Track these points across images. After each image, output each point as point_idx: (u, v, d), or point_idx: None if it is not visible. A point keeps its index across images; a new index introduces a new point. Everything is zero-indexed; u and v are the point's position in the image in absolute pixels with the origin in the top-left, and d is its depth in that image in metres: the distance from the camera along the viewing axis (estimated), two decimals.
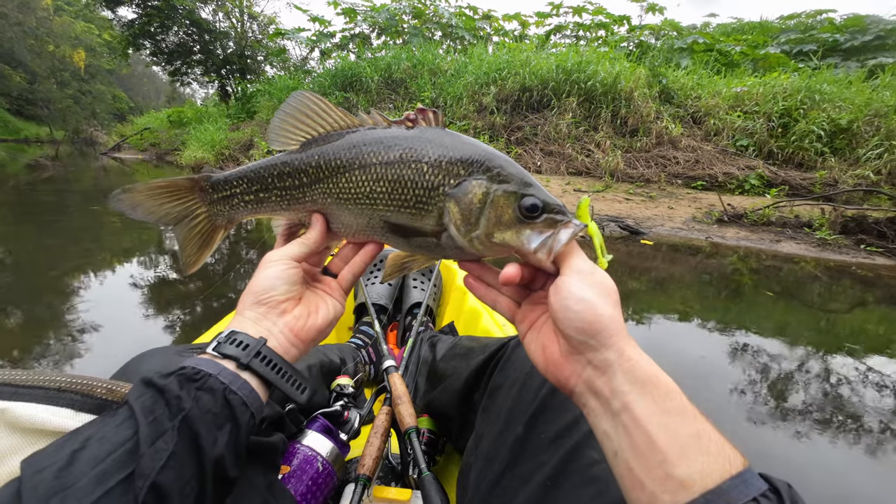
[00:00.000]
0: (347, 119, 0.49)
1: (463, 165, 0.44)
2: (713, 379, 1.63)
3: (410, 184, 0.45)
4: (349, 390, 0.87)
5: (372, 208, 0.47)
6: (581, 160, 6.05)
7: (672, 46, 8.67)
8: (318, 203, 0.49)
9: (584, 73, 6.46)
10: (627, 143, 6.14)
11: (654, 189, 5.47)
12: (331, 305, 0.50)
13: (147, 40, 14.48)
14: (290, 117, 0.49)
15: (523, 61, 7.00)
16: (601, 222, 4.20)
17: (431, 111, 0.47)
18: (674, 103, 6.53)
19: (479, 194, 0.43)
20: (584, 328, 0.36)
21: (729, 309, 2.39)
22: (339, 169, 0.47)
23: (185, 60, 15.68)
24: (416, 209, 0.45)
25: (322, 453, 0.68)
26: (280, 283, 0.46)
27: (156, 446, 0.32)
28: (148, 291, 2.36)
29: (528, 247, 0.41)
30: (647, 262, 3.17)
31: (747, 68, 8.40)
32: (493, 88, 6.90)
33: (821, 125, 5.60)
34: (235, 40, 15.42)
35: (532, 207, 0.41)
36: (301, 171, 0.49)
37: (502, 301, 0.47)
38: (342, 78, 9.13)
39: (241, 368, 0.40)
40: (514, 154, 6.23)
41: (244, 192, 0.51)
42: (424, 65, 8.46)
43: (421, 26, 11.22)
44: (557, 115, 6.48)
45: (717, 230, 4.07)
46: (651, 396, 0.33)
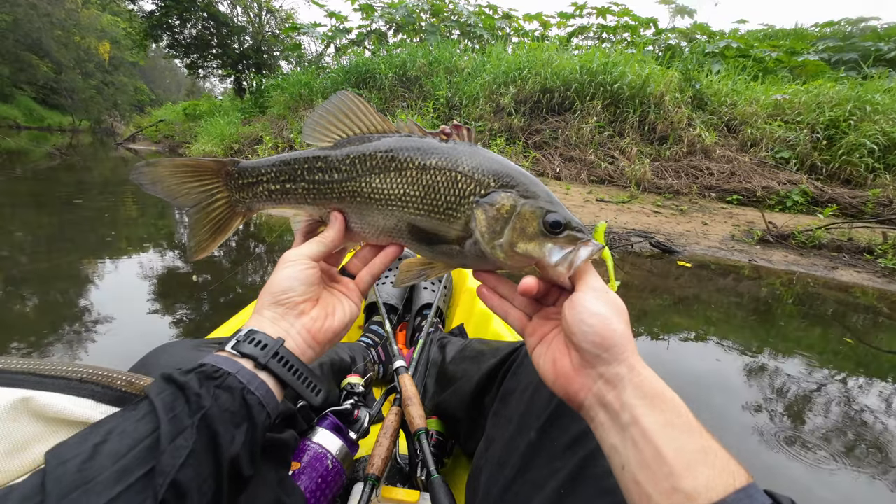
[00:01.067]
0: (385, 124, 0.50)
1: (494, 178, 0.46)
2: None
3: (444, 190, 0.47)
4: (359, 389, 0.86)
5: (403, 210, 0.48)
6: (604, 167, 5.63)
7: (703, 51, 8.19)
8: (345, 201, 0.50)
9: (611, 74, 6.05)
10: (655, 150, 5.71)
11: (684, 202, 5.03)
12: (347, 307, 0.50)
13: (165, 32, 14.50)
14: (329, 114, 0.49)
15: (545, 61, 6.62)
16: (627, 236, 3.79)
17: (466, 128, 0.50)
18: (707, 110, 6.07)
19: (507, 205, 0.45)
20: (598, 342, 0.37)
21: (808, 364, 1.97)
22: (374, 168, 0.48)
23: (203, 54, 15.66)
24: (446, 215, 0.47)
25: (332, 451, 0.68)
26: (298, 283, 0.46)
27: (176, 443, 0.32)
28: (157, 284, 2.33)
29: (549, 259, 0.43)
30: (687, 288, 2.76)
31: (784, 76, 7.88)
32: (512, 89, 6.53)
33: (873, 138, 5.09)
34: (252, 35, 15.36)
35: (556, 223, 0.43)
36: (334, 167, 0.49)
37: (514, 313, 0.48)
38: (356, 74, 8.88)
39: (258, 368, 0.40)
40: (531, 158, 5.85)
41: (272, 180, 0.51)
42: (441, 63, 8.14)
43: (439, 24, 10.92)
44: (580, 119, 6.08)
45: (760, 252, 3.63)
46: (660, 410, 0.34)
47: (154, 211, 4.28)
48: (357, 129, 0.50)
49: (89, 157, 10.72)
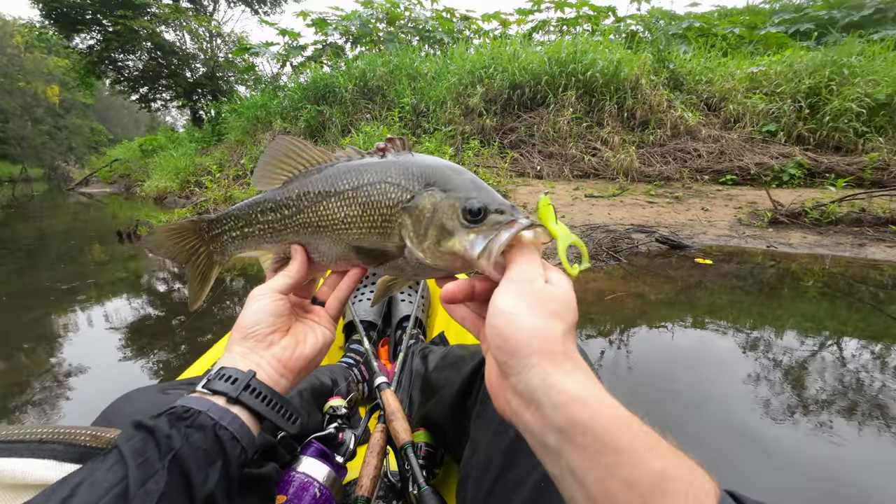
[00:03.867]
0: (325, 155, 0.52)
1: (418, 180, 0.45)
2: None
3: (377, 204, 0.46)
4: (342, 411, 0.85)
5: (347, 233, 0.49)
6: (587, 160, 5.27)
7: (667, 33, 8.03)
8: (299, 234, 0.52)
9: (581, 63, 5.73)
10: (638, 137, 5.38)
11: (677, 188, 4.69)
12: (319, 333, 0.51)
13: (108, 67, 13.66)
14: (272, 160, 0.52)
15: (510, 56, 6.28)
16: (628, 234, 3.38)
17: (399, 138, 0.49)
18: (684, 90, 5.81)
19: (429, 204, 0.43)
20: (500, 345, 0.32)
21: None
22: (316, 199, 0.50)
23: (153, 86, 14.87)
24: (383, 229, 0.47)
25: (318, 478, 0.66)
26: (265, 315, 0.47)
27: (146, 488, 0.32)
28: (127, 330, 2.20)
29: (471, 252, 0.39)
30: (720, 294, 2.33)
31: (749, 51, 7.79)
32: (480, 88, 6.14)
33: (858, 102, 4.89)
34: (204, 62, 14.68)
35: (473, 210, 0.40)
36: (282, 205, 0.52)
37: (468, 317, 0.44)
38: (314, 91, 8.38)
39: (231, 403, 0.41)
40: (509, 159, 5.44)
41: (231, 228, 0.55)
42: (402, 69, 7.73)
43: (396, 32, 10.57)
44: (555, 112, 5.72)
45: (775, 235, 3.27)
46: (583, 448, 0.27)
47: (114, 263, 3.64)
48: (301, 167, 0.52)
49: (38, 207, 9.79)
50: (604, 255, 2.81)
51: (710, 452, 1.14)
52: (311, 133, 7.91)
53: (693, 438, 1.19)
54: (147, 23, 12.27)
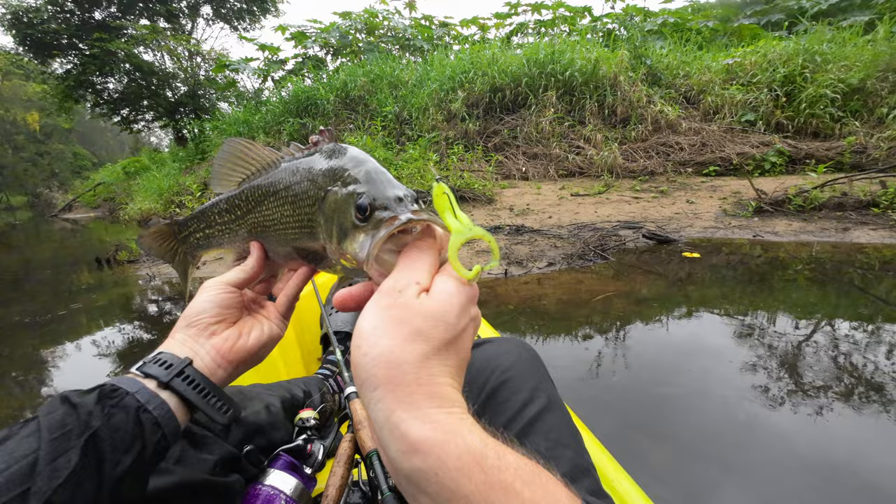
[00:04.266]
0: (273, 154, 0.51)
1: (329, 176, 0.43)
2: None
3: (301, 202, 0.46)
4: (311, 423, 0.83)
5: (286, 233, 0.48)
6: (572, 159, 5.27)
7: (642, 30, 8.14)
8: (252, 234, 0.53)
9: (560, 63, 5.76)
10: (620, 133, 5.41)
11: (662, 182, 4.70)
12: (266, 328, 0.50)
13: (87, 91, 13.48)
14: (225, 162, 0.53)
15: (490, 59, 6.30)
16: (615, 230, 3.37)
17: (327, 130, 0.49)
18: (662, 84, 5.86)
19: (332, 202, 0.41)
20: (354, 375, 0.29)
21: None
22: (260, 199, 0.50)
23: (134, 107, 14.71)
24: (309, 228, 0.45)
25: (285, 491, 0.65)
26: (211, 305, 0.47)
27: (56, 464, 0.32)
28: (111, 356, 2.13)
29: (361, 256, 0.35)
30: (710, 287, 2.31)
31: (723, 43, 7.94)
32: (461, 93, 6.14)
33: (833, 88, 4.97)
34: (185, 80, 14.56)
35: (361, 207, 0.36)
36: (235, 206, 0.54)
37: None
38: (296, 104, 8.34)
39: (161, 387, 0.40)
40: (494, 162, 5.43)
41: (196, 229, 0.59)
42: (383, 78, 7.72)
43: (376, 42, 10.59)
44: (537, 113, 5.74)
45: (761, 224, 3.28)
46: (432, 497, 0.25)
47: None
48: (252, 167, 0.52)
49: (19, 237, 9.56)
50: (591, 254, 2.78)
51: (714, 452, 1.10)
52: None
53: (692, 440, 1.15)
54: (124, 44, 12.15)
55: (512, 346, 0.61)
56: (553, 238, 3.23)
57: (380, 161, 3.23)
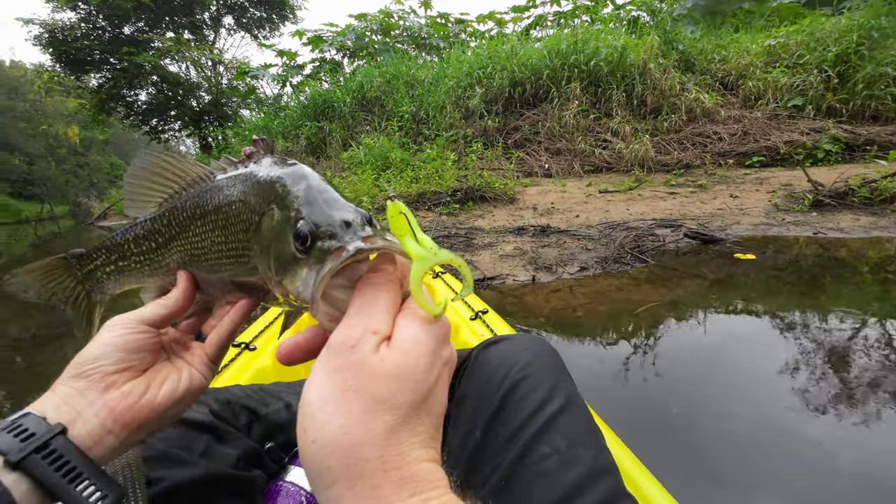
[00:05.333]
0: (199, 169, 0.44)
1: (264, 197, 0.36)
2: None
3: (233, 229, 0.39)
4: None
5: (218, 263, 0.41)
6: (598, 154, 4.97)
7: (671, 14, 7.68)
8: (178, 263, 0.45)
9: (583, 53, 5.46)
10: (651, 124, 5.06)
11: (699, 176, 4.34)
12: (184, 378, 0.39)
13: (118, 103, 14.07)
14: (141, 180, 0.45)
15: (508, 53, 6.06)
16: (651, 230, 3.08)
17: (261, 139, 0.43)
18: (697, 70, 5.46)
19: (266, 228, 0.34)
20: (303, 466, 0.24)
21: None
22: (186, 223, 0.43)
23: (162, 117, 15.26)
24: (246, 258, 0.38)
25: (306, 487, 0.65)
26: (112, 350, 0.37)
27: None
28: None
29: (304, 295, 0.29)
30: (769, 294, 2.01)
31: (760, 25, 7.37)
32: (479, 89, 5.93)
33: (895, 65, 4.46)
34: (208, 89, 14.99)
35: (300, 236, 0.30)
36: (155, 232, 0.45)
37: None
38: (314, 108, 8.35)
39: (7, 468, 0.30)
40: (515, 159, 5.18)
41: (105, 263, 0.49)
42: (399, 78, 7.60)
43: (392, 42, 10.52)
44: (559, 107, 5.45)
45: (821, 219, 2.91)
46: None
47: None
48: (175, 185, 0.44)
49: (61, 244, 10.05)
50: (628, 256, 2.52)
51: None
52: (312, 150, 7.85)
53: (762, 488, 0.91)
54: (151, 57, 12.59)
55: (529, 342, 0.58)
56: (583, 239, 2.98)
57: (397, 162, 2.99)
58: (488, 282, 2.30)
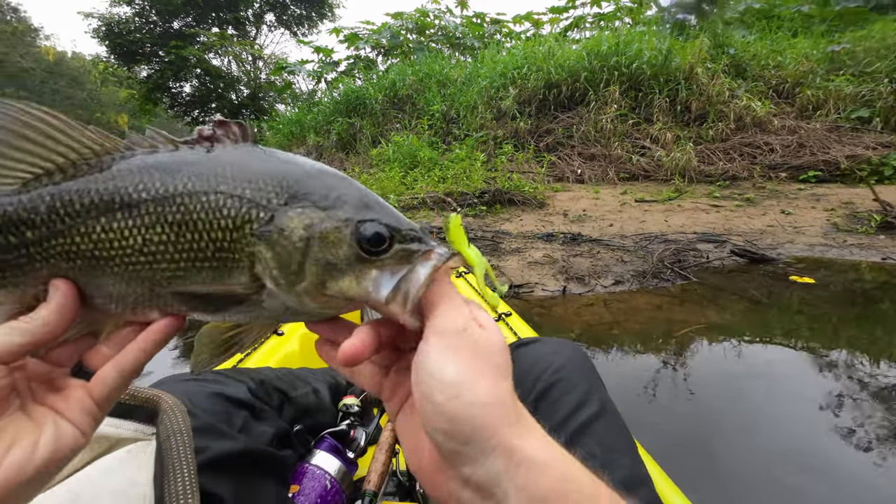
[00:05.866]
0: (106, 141, 0.32)
1: (276, 189, 0.31)
2: None
3: (204, 225, 0.31)
4: (355, 409, 0.86)
5: (152, 269, 0.31)
6: (636, 161, 4.74)
7: (721, 17, 7.27)
8: (58, 269, 0.32)
9: (625, 55, 5.23)
10: (695, 132, 4.78)
11: (747, 188, 4.05)
12: (47, 437, 0.28)
13: (164, 94, 14.80)
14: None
15: (545, 54, 5.89)
16: (692, 244, 2.87)
17: (235, 123, 0.33)
18: (748, 77, 5.12)
19: (299, 228, 0.30)
20: (450, 431, 0.25)
21: None
22: (90, 211, 0.31)
23: (203, 109, 15.93)
24: (218, 262, 0.31)
25: (330, 472, 0.69)
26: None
27: None
28: None
29: (377, 296, 0.29)
30: (834, 324, 1.80)
31: (821, 30, 6.86)
32: (513, 90, 5.80)
33: None
34: (247, 84, 15.53)
35: (375, 237, 0.29)
36: (22, 222, 0.31)
37: (361, 371, 0.34)
38: (346, 104, 8.45)
39: None
40: (546, 163, 5.02)
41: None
42: (432, 77, 7.57)
43: (426, 41, 10.53)
44: (596, 111, 5.25)
45: (890, 244, 2.63)
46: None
47: None
48: (59, 158, 0.31)
49: None
50: (667, 271, 2.34)
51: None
52: (342, 145, 7.94)
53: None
54: (196, 51, 13.16)
55: (561, 346, 0.57)
56: (618, 250, 2.82)
57: (425, 161, 2.94)
58: (515, 290, 2.19)
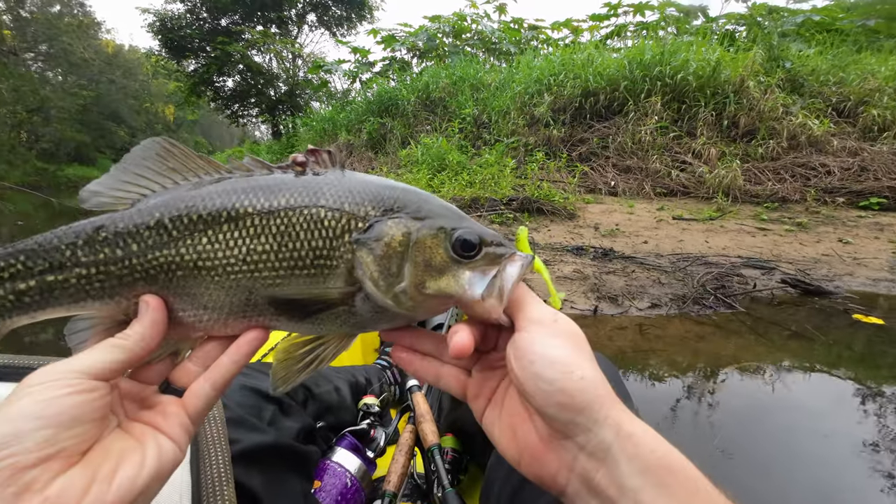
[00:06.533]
0: (211, 167, 0.37)
1: (372, 203, 0.35)
2: None
3: (305, 235, 0.34)
4: (375, 409, 0.87)
5: (252, 278, 0.34)
6: (675, 176, 4.50)
7: (775, 29, 6.86)
8: (156, 281, 0.34)
9: (670, 65, 4.99)
10: (741, 149, 4.49)
11: (798, 212, 3.75)
12: (150, 455, 0.28)
13: (208, 87, 15.48)
14: (124, 171, 0.35)
15: (584, 61, 5.72)
16: (735, 269, 2.66)
17: (326, 151, 0.37)
18: (805, 93, 4.78)
19: (399, 235, 0.34)
20: (567, 402, 0.28)
21: None
22: (196, 225, 0.34)
23: (242, 103, 16.56)
24: (316, 269, 0.35)
25: (350, 470, 0.69)
26: (35, 426, 0.24)
27: None
28: None
29: (471, 293, 0.33)
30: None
31: (890, 45, 6.34)
32: (548, 96, 5.66)
33: None
34: (285, 81, 16.03)
35: (467, 243, 0.34)
36: (130, 235, 0.33)
37: (447, 374, 0.37)
38: (378, 104, 8.54)
39: None
40: (578, 173, 4.85)
41: (19, 276, 0.32)
42: (465, 80, 7.53)
43: (462, 45, 10.53)
44: (635, 121, 5.03)
45: None
46: (671, 492, 0.26)
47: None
48: (169, 182, 0.35)
49: None
50: (710, 298, 2.16)
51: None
52: (372, 145, 8.01)
53: None
54: (240, 47, 13.70)
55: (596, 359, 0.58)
56: (654, 270, 2.64)
57: (453, 164, 2.90)
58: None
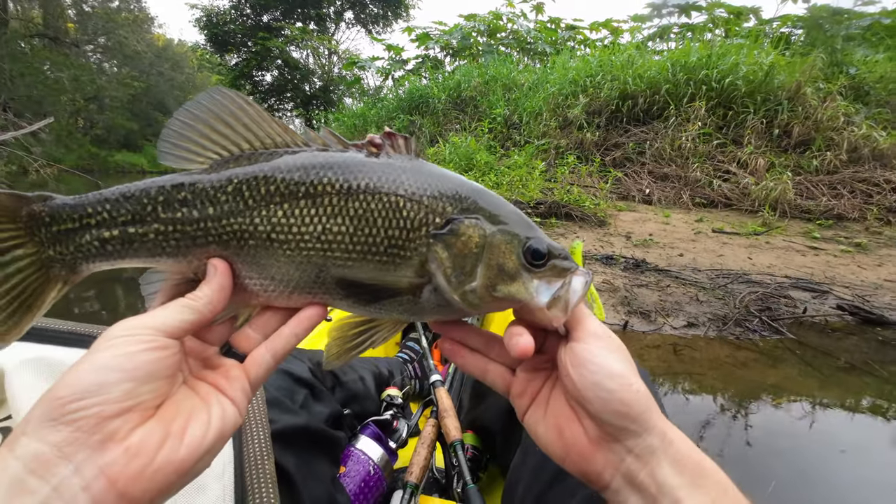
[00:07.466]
0: (287, 135, 0.37)
1: (451, 201, 0.36)
2: None
3: (383, 222, 0.34)
4: (398, 401, 0.88)
5: (324, 256, 0.35)
6: (717, 186, 4.23)
7: (839, 33, 6.35)
8: (229, 246, 0.34)
9: (717, 68, 4.71)
10: (793, 160, 4.17)
11: (857, 231, 3.44)
12: (215, 415, 0.29)
13: (247, 81, 16.08)
14: (199, 123, 0.34)
15: (624, 63, 5.49)
16: (783, 291, 2.45)
17: (402, 137, 0.37)
18: (870, 101, 4.39)
19: (476, 236, 0.35)
20: (624, 411, 0.30)
21: None
22: (274, 197, 0.34)
23: (279, 97, 17.09)
24: (390, 257, 0.35)
25: (374, 458, 0.70)
26: (119, 378, 0.25)
27: None
28: None
29: (538, 301, 0.34)
30: None
31: None
32: (583, 98, 5.47)
33: None
34: (320, 76, 16.41)
35: (538, 253, 0.35)
36: (209, 198, 0.34)
37: (493, 370, 0.38)
38: (409, 102, 8.56)
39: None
40: (611, 178, 4.66)
41: (105, 224, 0.33)
42: (498, 80, 7.42)
43: (496, 45, 10.40)
44: (676, 127, 4.78)
45: None
46: (704, 490, 0.29)
47: None
48: (245, 144, 0.35)
49: None
50: (754, 320, 1.99)
51: None
52: None
53: None
54: (280, 43, 14.13)
55: None
56: (690, 286, 2.47)
57: (481, 164, 2.82)
58: None
